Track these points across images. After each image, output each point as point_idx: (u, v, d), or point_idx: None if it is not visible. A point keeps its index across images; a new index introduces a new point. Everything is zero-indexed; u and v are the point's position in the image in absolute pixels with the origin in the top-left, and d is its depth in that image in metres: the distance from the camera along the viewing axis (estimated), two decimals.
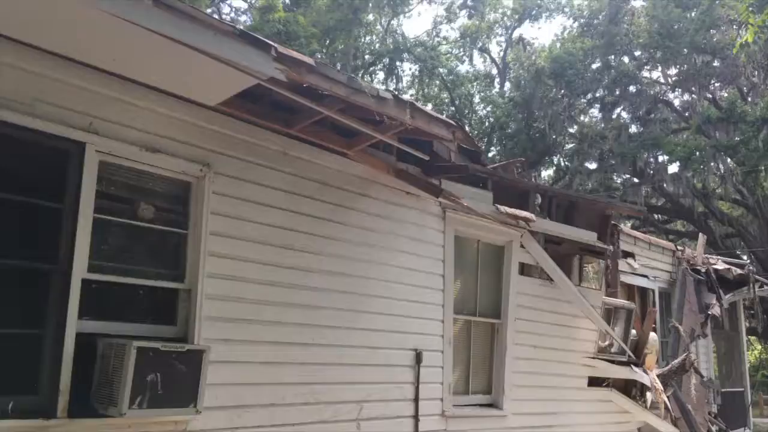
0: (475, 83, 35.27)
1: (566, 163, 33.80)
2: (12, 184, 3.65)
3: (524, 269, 7.49)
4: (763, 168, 26.63)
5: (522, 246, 7.35)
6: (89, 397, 3.72)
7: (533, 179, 20.68)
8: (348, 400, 5.33)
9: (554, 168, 35.20)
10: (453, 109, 33.65)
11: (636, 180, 32.38)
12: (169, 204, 4.37)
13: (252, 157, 4.79)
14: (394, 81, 33.03)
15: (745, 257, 28.80)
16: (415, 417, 5.92)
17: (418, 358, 6.02)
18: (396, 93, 4.69)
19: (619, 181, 33.89)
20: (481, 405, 6.88)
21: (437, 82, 34.35)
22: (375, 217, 5.79)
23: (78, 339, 3.73)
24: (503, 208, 6.88)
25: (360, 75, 29.09)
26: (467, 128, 33.05)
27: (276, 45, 3.67)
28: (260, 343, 4.70)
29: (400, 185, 5.99)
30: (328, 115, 4.56)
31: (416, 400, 5.95)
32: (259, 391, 4.67)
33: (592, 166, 33.25)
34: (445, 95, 34.46)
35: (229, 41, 3.46)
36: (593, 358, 8.33)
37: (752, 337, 39.67)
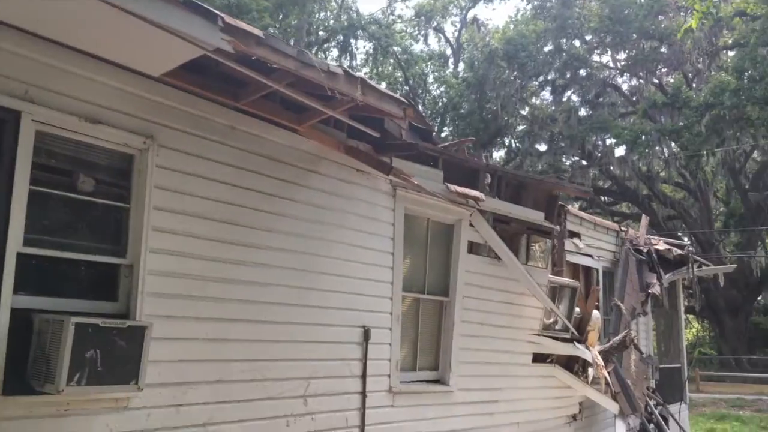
0: (429, 63, 35.32)
1: (517, 144, 34.31)
2: None
3: (473, 248, 7.57)
4: (705, 152, 27.51)
5: (471, 225, 7.42)
6: (25, 374, 3.61)
7: (484, 159, 20.88)
8: (295, 376, 5.32)
9: (505, 149, 35.71)
10: (407, 88, 33.66)
11: (584, 162, 33.12)
12: (110, 177, 4.23)
13: (198, 131, 4.68)
14: (348, 58, 32.83)
15: (685, 239, 29.85)
16: (363, 393, 5.95)
17: (367, 335, 6.04)
18: (347, 69, 4.63)
19: (568, 163, 34.63)
20: (428, 381, 6.96)
21: (391, 60, 34.27)
22: (325, 194, 5.75)
23: (13, 314, 3.60)
24: (453, 187, 6.93)
25: (314, 51, 28.74)
26: (420, 108, 33.14)
27: (223, 15, 3.57)
28: (205, 319, 4.63)
29: (351, 162, 5.96)
30: (278, 90, 4.49)
31: (364, 376, 5.98)
32: (204, 368, 4.61)
33: (543, 147, 33.83)
34: (399, 74, 34.42)
35: (173, 9, 3.35)
36: (538, 335, 8.52)
37: (690, 316, 41.25)
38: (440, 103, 34.02)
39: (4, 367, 3.53)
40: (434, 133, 7.34)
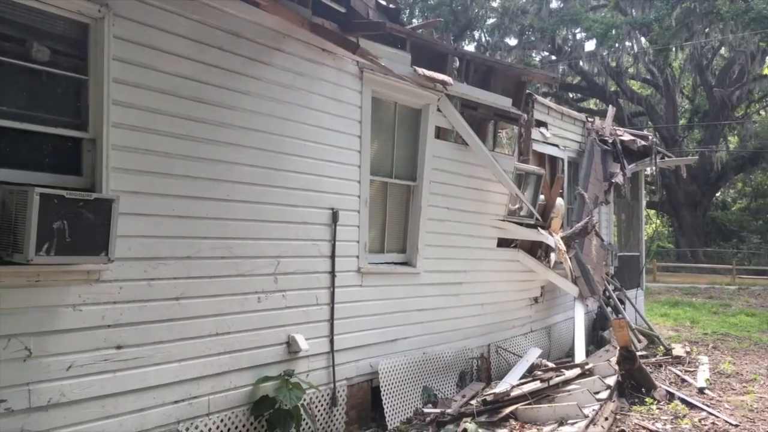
0: None
1: (487, 38, 33.68)
2: None
3: (440, 133, 7.58)
4: (673, 47, 27.37)
5: (438, 110, 7.39)
6: None
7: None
8: (265, 255, 5.41)
9: (475, 43, 35.05)
10: None
11: (553, 57, 32.78)
12: (66, 47, 4.05)
13: (155, 0, 4.48)
14: None
15: (651, 135, 30.19)
16: (332, 273, 6.09)
17: (335, 217, 6.12)
18: None
19: (537, 59, 34.26)
20: (395, 263, 7.14)
21: None
22: (290, 74, 5.64)
23: None
24: (421, 70, 6.84)
25: None
26: None
27: None
28: (172, 196, 4.62)
29: (316, 41, 5.81)
30: None
31: (333, 256, 6.11)
32: (174, 244, 4.64)
33: (513, 42, 33.30)
34: None
35: None
36: (503, 220, 8.72)
37: (651, 211, 42.49)
38: None
39: None
40: (402, 14, 7.14)
